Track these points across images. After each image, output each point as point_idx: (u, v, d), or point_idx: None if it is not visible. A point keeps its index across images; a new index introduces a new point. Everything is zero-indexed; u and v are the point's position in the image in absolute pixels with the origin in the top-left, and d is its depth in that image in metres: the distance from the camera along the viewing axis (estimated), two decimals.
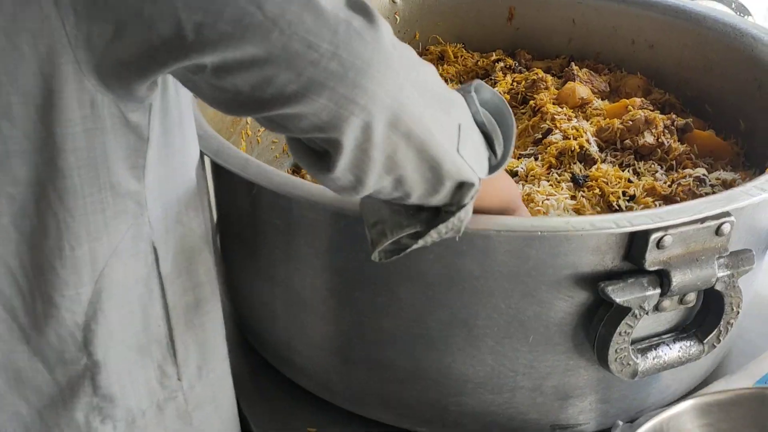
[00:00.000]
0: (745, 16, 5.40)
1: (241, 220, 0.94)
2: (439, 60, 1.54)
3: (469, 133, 0.65)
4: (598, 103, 1.28)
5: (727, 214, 0.78)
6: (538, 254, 0.78)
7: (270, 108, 0.57)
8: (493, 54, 1.51)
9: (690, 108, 1.34)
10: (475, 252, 0.78)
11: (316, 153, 0.63)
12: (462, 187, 0.66)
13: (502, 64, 1.46)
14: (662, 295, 0.79)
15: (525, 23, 1.53)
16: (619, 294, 0.78)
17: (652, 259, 0.77)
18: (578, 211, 1.09)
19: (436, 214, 0.69)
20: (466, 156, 0.64)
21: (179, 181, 0.75)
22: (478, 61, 1.51)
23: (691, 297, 0.82)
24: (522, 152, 1.23)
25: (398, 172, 0.63)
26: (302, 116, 0.58)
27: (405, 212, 0.69)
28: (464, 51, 1.54)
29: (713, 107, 1.30)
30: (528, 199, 1.11)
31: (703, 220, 0.77)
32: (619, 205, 1.08)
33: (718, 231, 0.79)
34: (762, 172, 1.15)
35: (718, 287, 0.82)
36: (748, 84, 1.21)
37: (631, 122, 1.17)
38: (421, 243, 0.69)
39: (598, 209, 1.09)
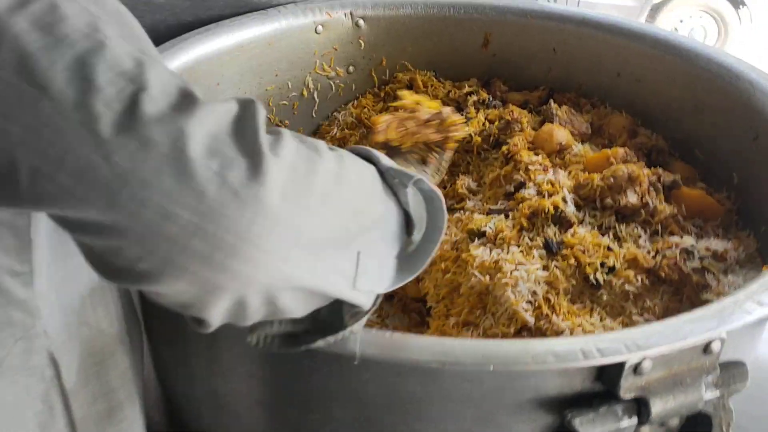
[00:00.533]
0: (739, 7, 5.25)
1: (165, 321, 0.81)
2: (407, 88, 1.41)
3: (373, 252, 0.58)
4: (578, 148, 1.15)
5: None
6: (494, 378, 0.66)
7: (125, 280, 0.47)
8: (466, 85, 1.37)
9: (679, 152, 1.22)
10: (417, 374, 0.66)
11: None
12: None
13: (475, 97, 1.33)
14: (640, 424, 0.67)
15: (502, 50, 1.40)
16: (589, 427, 0.66)
17: (628, 385, 0.65)
18: (551, 284, 0.97)
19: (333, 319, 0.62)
20: (363, 285, 0.58)
21: (82, 281, 0.65)
22: (450, 91, 1.38)
23: (675, 422, 0.70)
24: (492, 207, 1.10)
25: (281, 315, 0.55)
26: (160, 294, 0.49)
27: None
28: (435, 80, 1.40)
29: (704, 153, 1.18)
30: (496, 268, 0.99)
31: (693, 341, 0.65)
32: (596, 279, 0.96)
33: (706, 349, 0.67)
34: (756, 234, 1.03)
35: (706, 409, 0.70)
36: (743, 133, 1.08)
37: (612, 179, 1.04)
38: (303, 348, 0.61)
39: (573, 282, 0.97)
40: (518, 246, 1.01)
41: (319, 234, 0.52)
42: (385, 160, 0.64)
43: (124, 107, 0.44)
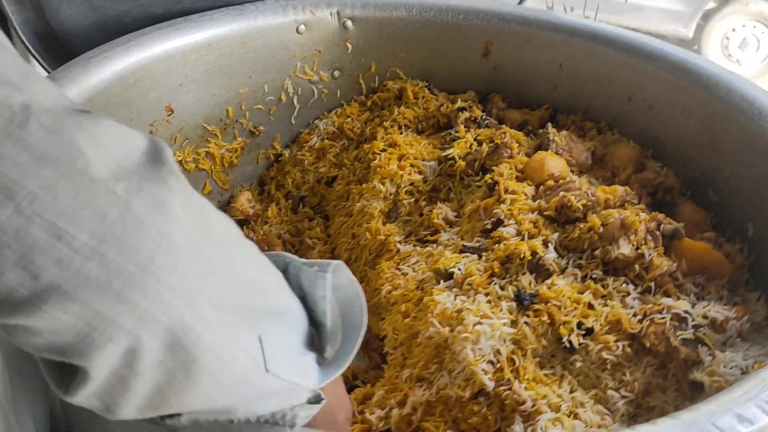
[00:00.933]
0: None
1: None
2: (396, 99, 1.28)
3: (279, 343, 0.54)
4: (575, 182, 1.01)
5: None
6: None
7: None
8: (459, 99, 1.24)
9: (691, 191, 1.07)
10: None
11: (58, 363, 0.45)
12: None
13: (467, 114, 1.20)
14: None
15: (504, 62, 1.26)
16: None
17: None
18: (518, 343, 0.83)
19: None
20: (279, 372, 0.52)
21: None
22: (442, 104, 1.25)
23: None
24: (466, 244, 0.97)
25: (173, 406, 0.48)
26: (36, 332, 0.41)
27: None
28: (427, 91, 1.27)
29: (719, 196, 1.03)
30: (458, 319, 0.86)
31: None
32: (570, 342, 0.82)
33: None
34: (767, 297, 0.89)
35: None
36: (763, 178, 0.93)
37: (603, 227, 0.90)
38: None
39: (544, 343, 0.84)
40: (486, 294, 0.88)
41: (221, 296, 0.47)
42: (297, 258, 0.62)
43: (10, 116, 0.39)
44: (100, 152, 0.42)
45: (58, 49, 1.15)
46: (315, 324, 0.62)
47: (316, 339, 0.62)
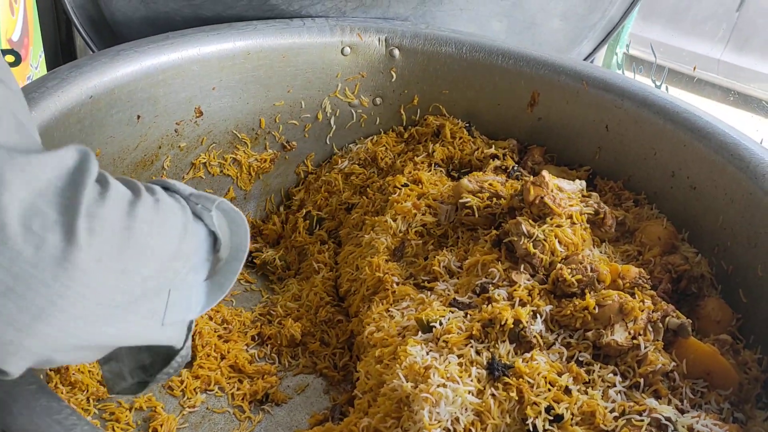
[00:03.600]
0: None
1: None
2: (434, 135, 1.24)
3: (183, 284, 0.59)
4: (579, 254, 0.93)
5: None
6: None
7: None
8: (494, 145, 1.19)
9: (722, 286, 0.98)
10: None
11: None
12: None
13: (497, 162, 1.14)
14: None
15: (549, 114, 1.20)
16: None
17: None
18: (480, 416, 0.77)
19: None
20: (172, 318, 0.58)
21: None
22: (477, 149, 1.20)
23: None
24: (458, 298, 0.92)
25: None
26: None
27: (144, 349, 0.65)
28: (466, 132, 1.23)
29: (748, 297, 0.93)
30: (423, 376, 0.81)
31: None
32: (534, 426, 0.75)
33: None
34: None
35: None
36: None
37: (599, 308, 0.83)
38: (165, 378, 0.67)
39: (508, 421, 0.77)
40: (459, 356, 0.83)
41: (131, 291, 0.52)
42: (184, 187, 0.63)
43: None
44: (18, 193, 0.44)
45: (110, 37, 1.18)
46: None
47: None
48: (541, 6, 1.29)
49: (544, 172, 0.97)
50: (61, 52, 1.26)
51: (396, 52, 1.22)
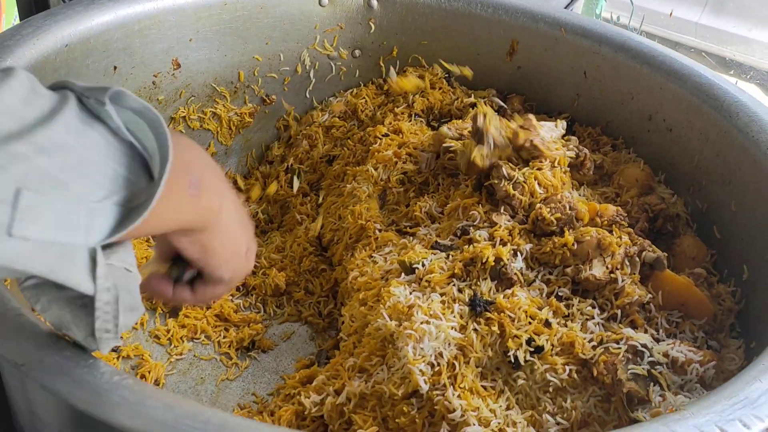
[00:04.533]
0: None
1: None
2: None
3: (47, 192, 0.45)
4: (558, 195, 0.94)
5: None
6: None
7: None
8: (473, 94, 1.19)
9: (698, 223, 1.00)
10: None
11: None
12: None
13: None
14: None
15: (529, 63, 1.20)
16: None
17: None
18: (463, 350, 0.79)
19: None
20: (32, 231, 0.45)
21: None
22: (457, 99, 1.20)
23: None
24: (439, 241, 0.93)
25: None
26: None
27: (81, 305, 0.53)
28: (445, 83, 1.23)
29: (722, 233, 0.95)
30: (406, 315, 0.82)
31: None
32: (516, 357, 0.77)
33: None
34: (747, 348, 0.82)
35: None
36: (764, 223, 0.86)
37: (577, 244, 0.85)
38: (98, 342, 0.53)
39: (490, 354, 0.79)
40: (442, 294, 0.84)
41: None
42: (81, 83, 0.51)
43: None
44: None
45: None
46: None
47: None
48: None
49: (530, 116, 0.98)
50: (34, 3, 1.24)
51: (374, 2, 1.22)
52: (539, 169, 0.96)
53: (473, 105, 1.17)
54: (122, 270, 0.54)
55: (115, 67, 1.03)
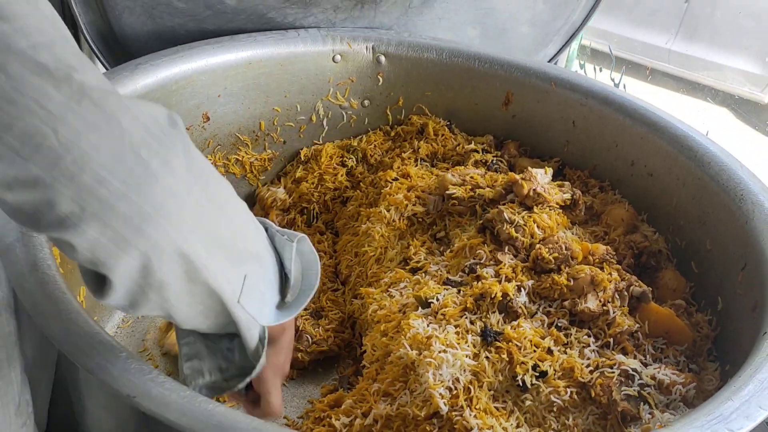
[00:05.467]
0: None
1: None
2: (418, 133, 1.37)
3: (257, 285, 0.70)
4: (554, 236, 1.06)
5: None
6: None
7: (52, 230, 0.55)
8: (473, 141, 1.32)
9: (678, 259, 1.12)
10: None
11: (96, 274, 0.60)
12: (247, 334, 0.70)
13: (477, 156, 1.27)
14: None
15: (522, 112, 1.33)
16: None
17: None
18: (477, 375, 0.91)
19: (245, 361, 0.74)
20: (247, 304, 0.68)
21: None
22: (458, 144, 1.33)
23: None
24: (450, 277, 1.05)
25: (174, 309, 0.64)
26: (77, 247, 0.56)
27: (221, 354, 0.75)
28: (447, 130, 1.36)
29: (699, 268, 1.08)
30: (426, 344, 0.94)
31: None
32: (523, 381, 0.89)
33: None
34: (722, 371, 0.94)
35: None
36: (734, 259, 0.98)
37: (573, 280, 0.97)
38: (237, 385, 0.75)
39: (500, 378, 0.91)
40: (456, 326, 0.96)
41: (213, 234, 0.62)
42: (274, 224, 0.76)
43: (71, 93, 0.53)
44: (132, 123, 0.55)
45: (119, 50, 1.27)
46: (283, 277, 0.76)
47: (282, 287, 0.76)
48: (510, 14, 1.43)
49: (529, 168, 1.11)
50: None
51: (382, 58, 1.34)
52: (535, 212, 1.09)
53: (474, 151, 1.30)
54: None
55: None
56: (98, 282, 0.60)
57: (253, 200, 1.36)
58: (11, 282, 0.72)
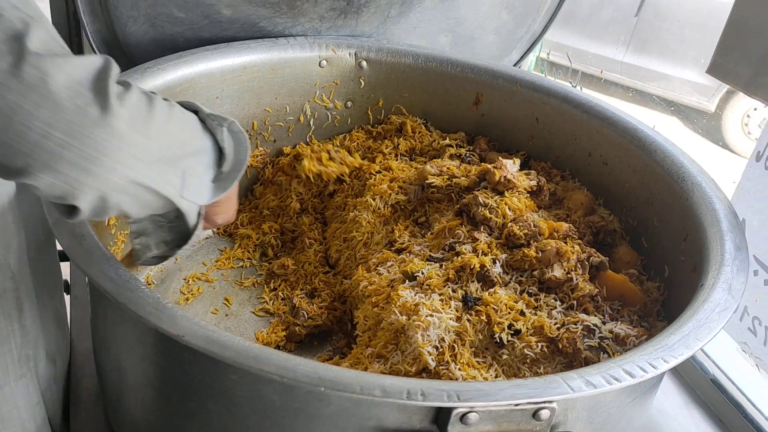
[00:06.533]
0: None
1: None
2: (397, 131, 1.51)
3: (195, 173, 0.80)
4: (524, 216, 1.21)
5: (547, 401, 0.73)
6: (339, 401, 0.74)
7: (12, 179, 0.66)
8: (448, 137, 1.46)
9: (631, 237, 1.28)
10: (276, 384, 0.74)
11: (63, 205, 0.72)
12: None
13: (452, 150, 1.41)
14: None
15: (491, 111, 1.48)
16: None
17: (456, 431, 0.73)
18: (460, 335, 1.04)
19: (186, 229, 0.86)
20: (188, 196, 0.80)
21: None
22: (434, 141, 1.47)
23: None
24: (433, 254, 1.18)
25: (129, 211, 0.76)
26: (39, 189, 0.67)
27: (166, 227, 0.88)
28: (423, 128, 1.49)
29: (649, 243, 1.23)
30: (414, 311, 1.06)
31: (516, 403, 0.72)
32: (500, 338, 1.02)
33: (535, 415, 0.74)
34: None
35: None
36: (677, 232, 1.14)
37: (541, 252, 1.11)
38: (178, 251, 0.90)
39: (480, 337, 1.04)
40: (440, 295, 1.09)
41: (155, 153, 0.73)
42: (206, 108, 0.85)
43: (13, 60, 0.61)
44: (67, 79, 0.63)
45: (121, 57, 1.38)
46: (218, 151, 0.85)
47: (219, 161, 0.85)
48: (478, 23, 1.57)
49: (500, 158, 1.25)
50: None
51: (364, 63, 1.48)
52: (506, 196, 1.23)
53: (449, 146, 1.44)
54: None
55: None
56: (66, 207, 0.71)
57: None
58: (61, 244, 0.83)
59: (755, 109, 5.00)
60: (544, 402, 0.73)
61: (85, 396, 1.09)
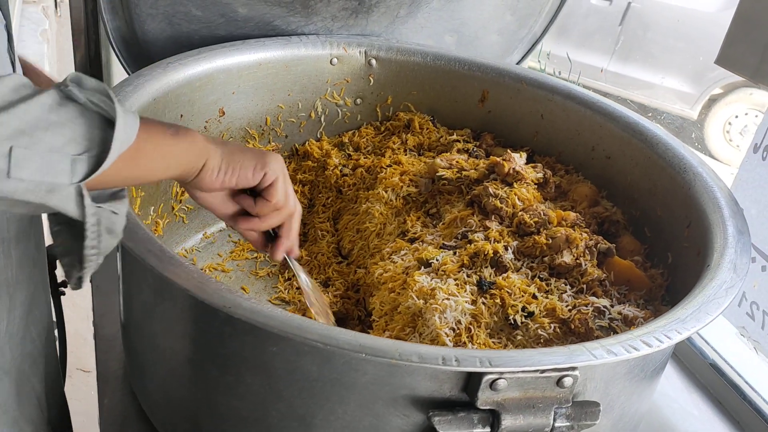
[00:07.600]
0: None
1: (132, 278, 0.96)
2: (405, 127, 1.55)
3: (33, 148, 0.64)
4: (534, 206, 1.26)
5: (571, 368, 0.78)
6: (375, 370, 0.78)
7: None
8: (455, 134, 1.51)
9: (633, 227, 1.33)
10: (314, 355, 0.79)
11: None
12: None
13: (460, 145, 1.47)
14: None
15: (496, 108, 1.53)
16: (446, 426, 0.77)
17: (485, 398, 0.77)
18: (475, 317, 1.08)
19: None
20: (24, 174, 0.63)
21: None
22: (441, 137, 1.52)
23: None
24: (446, 242, 1.23)
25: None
26: None
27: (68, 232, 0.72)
28: (431, 124, 1.54)
29: (651, 232, 1.29)
30: (431, 294, 1.11)
31: (542, 371, 0.77)
32: (515, 320, 1.07)
33: (559, 382, 0.78)
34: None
35: None
36: (680, 220, 1.19)
37: (551, 239, 1.16)
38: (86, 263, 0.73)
39: (495, 319, 1.09)
40: (456, 279, 1.13)
41: None
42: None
43: None
44: None
45: (139, 53, 1.42)
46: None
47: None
48: (482, 24, 1.63)
49: (509, 151, 1.30)
50: (89, 66, 1.49)
51: (373, 61, 1.52)
52: (515, 188, 1.28)
53: (456, 141, 1.49)
54: (108, 211, 0.72)
55: (181, 115, 1.29)
56: None
57: None
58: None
59: (736, 116, 5.12)
60: (569, 369, 0.77)
61: (112, 380, 1.12)
